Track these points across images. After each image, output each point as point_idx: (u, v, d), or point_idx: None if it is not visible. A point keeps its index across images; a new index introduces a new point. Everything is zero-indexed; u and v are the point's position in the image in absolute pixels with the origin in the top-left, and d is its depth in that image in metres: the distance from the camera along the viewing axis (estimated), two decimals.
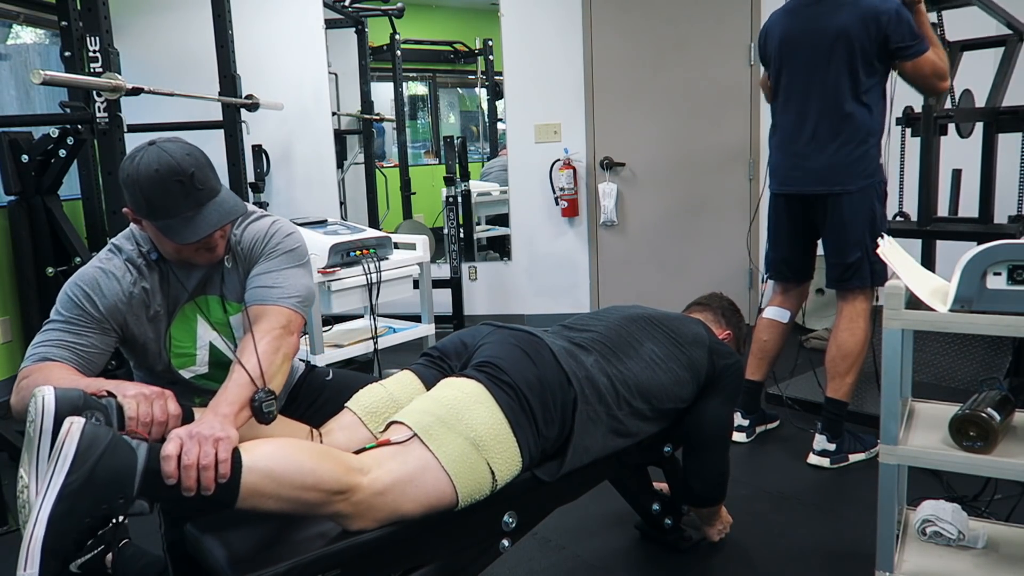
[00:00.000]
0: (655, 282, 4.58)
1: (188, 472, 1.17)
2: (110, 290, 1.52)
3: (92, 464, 1.11)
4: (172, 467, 1.17)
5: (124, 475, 1.14)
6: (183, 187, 1.43)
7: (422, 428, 1.43)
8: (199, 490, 1.18)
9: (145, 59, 4.44)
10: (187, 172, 1.43)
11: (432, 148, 6.26)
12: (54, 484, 1.10)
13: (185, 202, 1.44)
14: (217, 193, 1.49)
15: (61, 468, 1.11)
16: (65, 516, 1.10)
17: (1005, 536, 1.73)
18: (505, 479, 1.49)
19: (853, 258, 2.54)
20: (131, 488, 1.15)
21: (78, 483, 1.10)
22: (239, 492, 1.21)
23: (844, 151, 2.50)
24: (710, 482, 1.98)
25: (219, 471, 1.19)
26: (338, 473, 1.29)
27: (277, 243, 1.62)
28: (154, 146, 1.44)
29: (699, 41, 4.39)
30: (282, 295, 1.56)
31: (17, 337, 3.80)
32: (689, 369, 1.85)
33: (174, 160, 1.42)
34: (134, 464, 1.16)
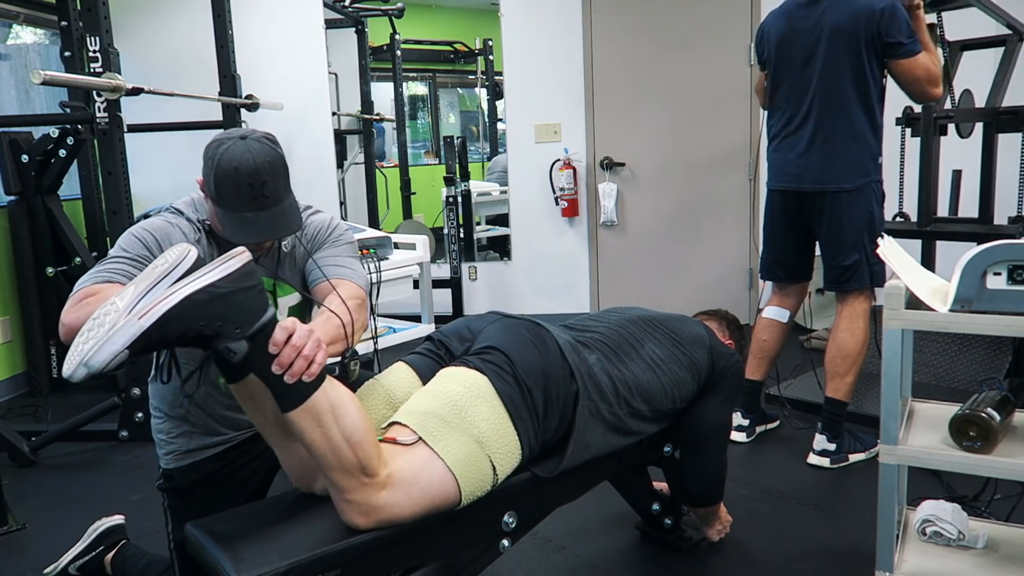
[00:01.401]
0: (655, 282, 4.58)
1: (290, 351, 1.24)
2: (178, 240, 1.54)
3: (240, 286, 1.23)
4: (282, 338, 1.25)
5: (252, 313, 1.23)
6: (252, 191, 1.47)
7: (426, 430, 1.42)
8: (286, 372, 1.25)
9: (145, 59, 4.44)
10: (260, 179, 1.47)
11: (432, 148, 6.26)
12: (205, 279, 1.20)
13: (248, 204, 1.48)
14: (280, 204, 1.51)
15: (218, 272, 1.21)
16: (197, 305, 1.18)
17: (1005, 536, 1.73)
18: (505, 473, 1.49)
19: (851, 260, 2.54)
20: (249, 326, 1.23)
21: (222, 290, 1.21)
22: (308, 400, 1.27)
23: (840, 150, 2.50)
24: (707, 482, 1.98)
25: (311, 367, 1.26)
26: (375, 452, 1.34)
27: (340, 234, 1.71)
28: (244, 141, 1.48)
29: (699, 41, 4.39)
30: (353, 275, 1.64)
31: (17, 337, 3.81)
32: (690, 370, 1.85)
33: (254, 165, 1.46)
34: (263, 312, 1.25)
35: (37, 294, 3.72)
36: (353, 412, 1.33)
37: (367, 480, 1.32)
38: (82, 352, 1.15)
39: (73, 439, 3.05)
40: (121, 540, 2.06)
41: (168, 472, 1.71)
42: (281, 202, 1.51)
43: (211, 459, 1.71)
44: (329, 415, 1.29)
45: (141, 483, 2.70)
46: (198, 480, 1.70)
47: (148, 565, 1.91)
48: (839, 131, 2.50)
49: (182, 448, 1.70)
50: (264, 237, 1.52)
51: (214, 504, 1.61)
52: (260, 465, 1.74)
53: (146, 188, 4.35)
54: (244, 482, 1.74)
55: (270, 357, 1.25)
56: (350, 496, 1.32)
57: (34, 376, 3.78)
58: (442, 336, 1.74)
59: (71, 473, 2.85)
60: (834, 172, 2.51)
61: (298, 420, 1.28)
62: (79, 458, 2.98)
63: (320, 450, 1.29)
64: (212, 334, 1.21)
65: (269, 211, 1.49)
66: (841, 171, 2.50)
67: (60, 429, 2.99)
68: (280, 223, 1.52)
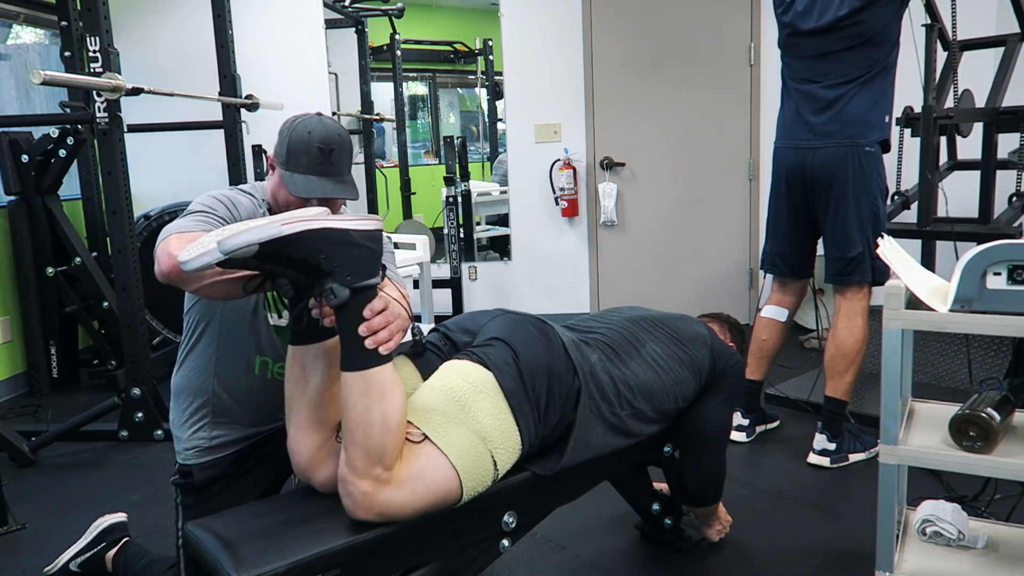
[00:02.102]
0: (655, 282, 4.58)
1: (382, 319, 1.32)
2: (248, 208, 1.65)
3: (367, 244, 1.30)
4: (380, 306, 1.32)
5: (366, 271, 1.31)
6: (321, 154, 1.58)
7: (431, 428, 1.43)
8: (368, 336, 1.31)
9: (145, 59, 4.44)
10: (330, 147, 1.59)
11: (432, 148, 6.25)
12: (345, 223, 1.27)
13: (315, 166, 1.59)
14: (343, 175, 1.62)
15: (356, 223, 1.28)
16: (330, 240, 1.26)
17: (1005, 536, 1.73)
18: (506, 467, 1.50)
19: (855, 252, 2.54)
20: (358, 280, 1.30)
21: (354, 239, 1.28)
22: (372, 369, 1.32)
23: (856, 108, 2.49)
24: (706, 481, 1.98)
25: (390, 343, 1.33)
26: (398, 447, 1.37)
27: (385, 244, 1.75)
28: (319, 117, 1.63)
29: (699, 41, 4.39)
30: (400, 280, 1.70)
31: (17, 337, 3.81)
32: (691, 368, 1.85)
33: (327, 133, 1.60)
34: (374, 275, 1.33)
35: (37, 294, 3.72)
36: (398, 401, 1.36)
37: (380, 472, 1.33)
38: (212, 240, 1.21)
39: (73, 439, 3.05)
40: (123, 538, 2.06)
41: (186, 468, 1.72)
42: (344, 175, 1.63)
43: (228, 459, 1.72)
44: (379, 392, 1.33)
45: (141, 483, 2.70)
46: (215, 478, 1.71)
47: (150, 564, 1.91)
48: (857, 91, 2.49)
49: (204, 444, 1.70)
50: (320, 194, 1.59)
51: (227, 503, 1.62)
52: (272, 465, 1.74)
53: (146, 188, 4.35)
54: (257, 481, 1.74)
55: (360, 318, 1.31)
56: (359, 480, 1.32)
57: (34, 376, 3.78)
58: (447, 329, 1.75)
59: (71, 473, 2.85)
60: (847, 129, 2.50)
61: (352, 383, 1.32)
62: (79, 458, 2.98)
63: (355, 420, 1.32)
64: (328, 271, 1.27)
65: (332, 178, 1.60)
66: (855, 127, 2.50)
67: (60, 429, 2.99)
68: (338, 189, 1.61)
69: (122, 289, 2.96)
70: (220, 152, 3.94)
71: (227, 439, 1.71)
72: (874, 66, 2.49)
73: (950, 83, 2.91)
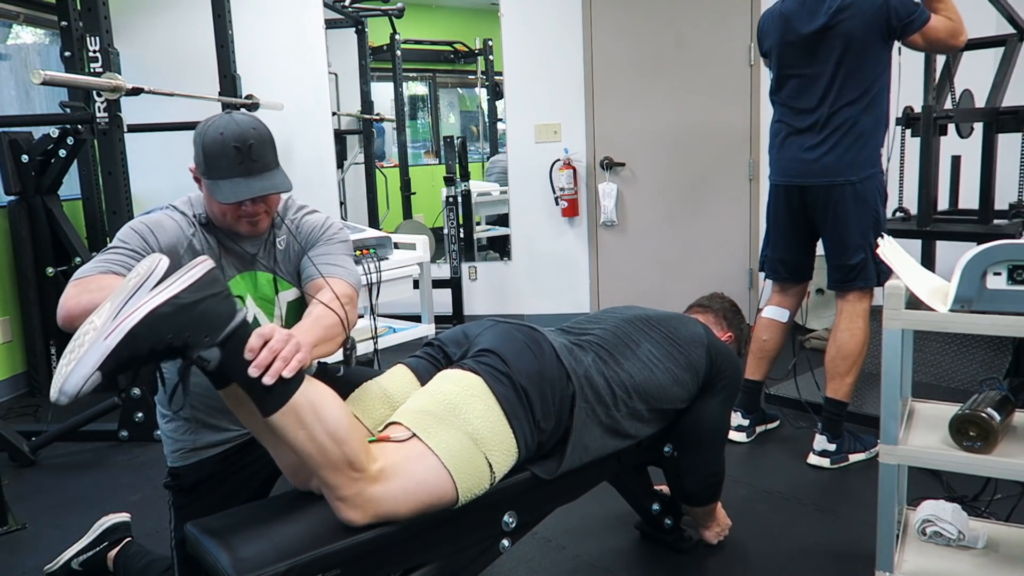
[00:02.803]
0: (655, 282, 4.58)
1: (267, 353, 1.25)
2: (172, 230, 1.58)
3: (204, 295, 1.23)
4: (258, 343, 1.25)
5: (220, 319, 1.24)
6: (239, 153, 1.51)
7: (421, 427, 1.43)
8: (263, 374, 1.24)
9: (145, 59, 4.44)
10: (247, 142, 1.52)
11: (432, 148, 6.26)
12: (168, 291, 1.20)
13: (237, 167, 1.51)
14: (270, 169, 1.56)
15: (181, 283, 1.22)
16: (162, 319, 1.19)
17: (1005, 536, 1.74)
18: (503, 471, 1.49)
19: (857, 259, 2.53)
20: (218, 334, 1.23)
21: (186, 300, 1.21)
22: (288, 401, 1.28)
23: (847, 145, 2.49)
24: (704, 481, 1.98)
25: (289, 366, 1.26)
26: (361, 447, 1.34)
27: (334, 233, 1.74)
28: (229, 114, 1.55)
29: (699, 41, 4.39)
30: (345, 273, 1.66)
31: (17, 337, 3.81)
32: (688, 369, 1.84)
33: (240, 129, 1.52)
34: (232, 318, 1.25)
35: (37, 294, 3.72)
36: (335, 409, 1.34)
37: (356, 475, 1.32)
38: (58, 379, 1.15)
39: (73, 439, 3.06)
40: (125, 538, 2.06)
41: (174, 470, 1.72)
42: (270, 168, 1.55)
43: (216, 458, 1.72)
44: (311, 415, 1.29)
45: (141, 483, 2.70)
46: (204, 478, 1.71)
47: (150, 563, 1.91)
48: (846, 127, 2.49)
49: (188, 446, 1.71)
50: (252, 195, 1.53)
51: (219, 503, 1.62)
52: (264, 465, 1.74)
53: (146, 188, 4.35)
54: (248, 481, 1.74)
55: (246, 362, 1.24)
56: (343, 492, 1.32)
57: (34, 376, 3.78)
58: (440, 341, 1.75)
59: (71, 473, 2.85)
60: (840, 167, 2.50)
61: (281, 423, 1.29)
62: (79, 458, 2.98)
63: (306, 450, 1.30)
64: (182, 345, 1.21)
65: (260, 176, 1.53)
66: (847, 166, 2.50)
67: (60, 429, 2.99)
68: (269, 184, 1.55)
69: None
70: None
71: (212, 440, 1.72)
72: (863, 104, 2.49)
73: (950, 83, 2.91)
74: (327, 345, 1.49)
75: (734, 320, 2.20)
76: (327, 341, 1.48)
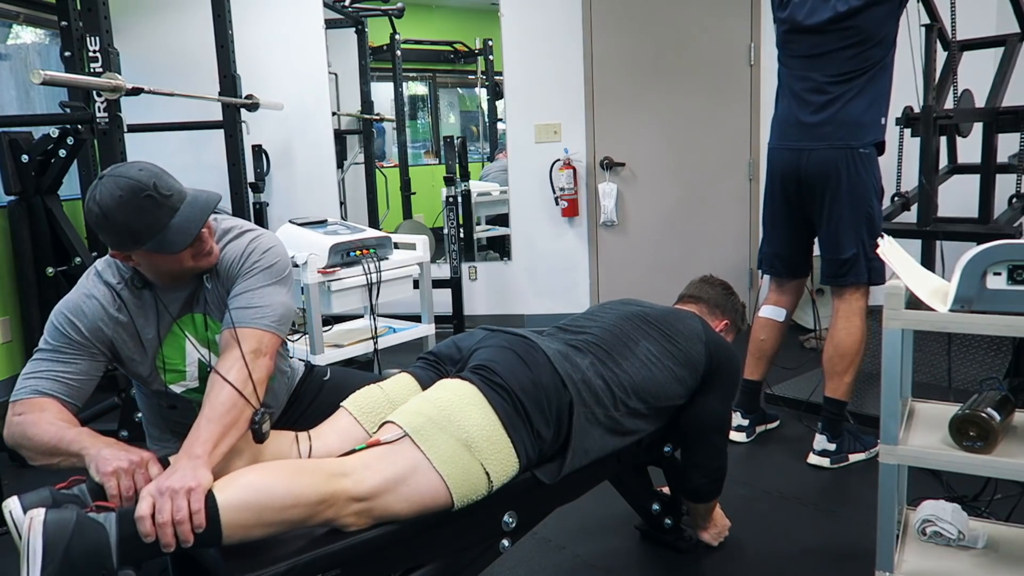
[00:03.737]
0: (655, 282, 4.57)
1: (164, 530, 1.17)
2: (92, 312, 1.54)
3: (62, 552, 1.10)
4: (148, 526, 1.17)
5: (99, 552, 1.14)
6: (153, 200, 1.43)
7: (413, 428, 1.43)
8: (179, 544, 1.18)
9: (145, 59, 4.44)
10: (149, 184, 1.43)
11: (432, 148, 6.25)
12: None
13: (162, 213, 1.44)
14: (186, 195, 1.50)
15: (34, 565, 1.09)
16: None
17: (1005, 536, 1.73)
18: (502, 480, 1.49)
19: (849, 254, 2.54)
20: (110, 561, 1.14)
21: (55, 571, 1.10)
22: (222, 533, 1.21)
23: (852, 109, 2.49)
24: (708, 475, 1.98)
25: (194, 522, 1.18)
26: (317, 484, 1.29)
27: (255, 261, 1.59)
28: (105, 178, 1.44)
29: (699, 41, 4.39)
30: (256, 316, 1.53)
31: (17, 337, 3.80)
32: (686, 365, 1.85)
33: (132, 180, 1.42)
34: (106, 538, 1.15)
35: (37, 294, 3.71)
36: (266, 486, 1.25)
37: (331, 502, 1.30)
38: None
39: None
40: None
41: None
42: (185, 194, 1.49)
43: None
44: (250, 516, 1.23)
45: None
46: None
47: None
48: (854, 93, 2.49)
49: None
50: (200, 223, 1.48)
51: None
52: None
53: None
54: None
55: (155, 545, 1.17)
56: (329, 517, 1.32)
57: None
58: (434, 356, 1.76)
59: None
60: (844, 130, 2.50)
61: (233, 539, 1.23)
62: None
63: (275, 532, 1.27)
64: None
65: (184, 206, 1.47)
66: (850, 129, 2.49)
67: None
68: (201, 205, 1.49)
69: None
70: (220, 152, 3.94)
71: None
72: (871, 66, 2.49)
73: (950, 83, 2.91)
74: (232, 434, 1.38)
75: (726, 305, 2.17)
76: (230, 430, 1.38)
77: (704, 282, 2.22)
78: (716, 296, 2.17)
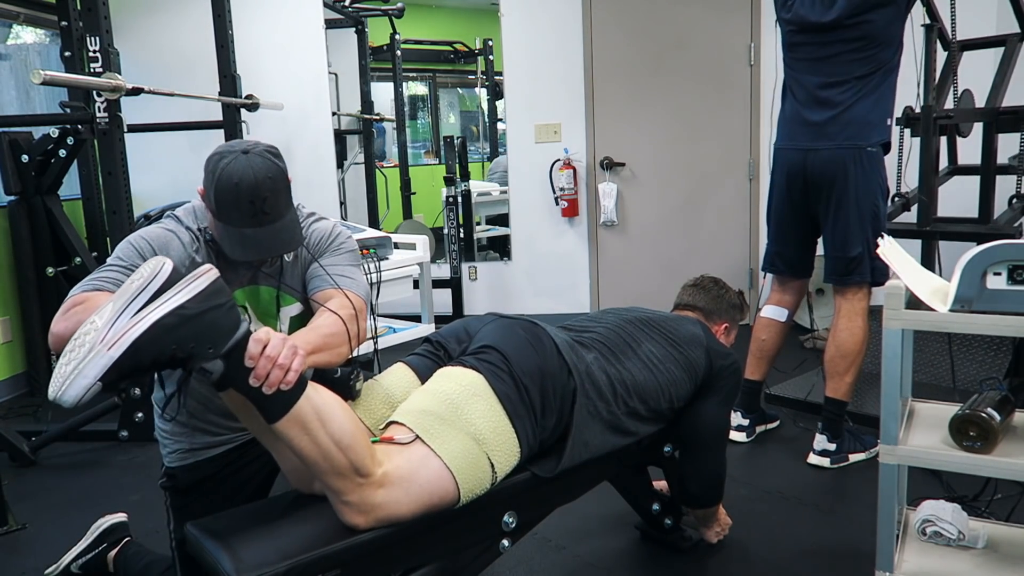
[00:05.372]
0: (655, 282, 4.57)
1: (266, 361, 1.23)
2: (175, 249, 1.54)
3: (209, 305, 1.20)
4: (257, 351, 1.23)
5: (225, 331, 1.22)
6: (252, 207, 1.46)
7: (423, 429, 1.43)
8: (264, 383, 1.23)
9: (145, 59, 4.44)
10: (261, 196, 1.46)
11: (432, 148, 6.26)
12: (173, 301, 1.17)
13: (248, 221, 1.47)
14: (281, 219, 1.50)
15: (186, 293, 1.19)
16: (166, 330, 1.16)
17: (1005, 536, 1.73)
18: (504, 471, 1.49)
19: (854, 252, 2.53)
20: (222, 345, 1.21)
21: (191, 312, 1.18)
22: (291, 409, 1.27)
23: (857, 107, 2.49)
24: (706, 483, 1.98)
25: (287, 376, 1.25)
26: (366, 453, 1.34)
27: (342, 243, 1.69)
28: (246, 156, 1.47)
29: (699, 41, 4.39)
30: (354, 286, 1.62)
31: (17, 337, 3.81)
32: (687, 369, 1.85)
33: (255, 180, 1.45)
34: (236, 329, 1.23)
35: (37, 294, 3.72)
36: (340, 416, 1.33)
37: (362, 480, 1.32)
38: (58, 380, 1.14)
39: (73, 439, 3.05)
40: (124, 538, 2.06)
41: (171, 471, 1.72)
42: (282, 217, 1.50)
43: (214, 459, 1.71)
44: (315, 421, 1.29)
45: (141, 483, 2.70)
46: (200, 480, 1.70)
47: (150, 563, 1.91)
48: (861, 94, 2.49)
49: (185, 447, 1.70)
50: (263, 255, 1.53)
51: (216, 504, 1.62)
52: (262, 466, 1.74)
53: (146, 188, 4.35)
54: (246, 483, 1.74)
55: (248, 371, 1.23)
56: (347, 498, 1.33)
57: (34, 376, 3.78)
58: (440, 337, 1.75)
59: (71, 473, 2.85)
60: (850, 129, 2.50)
61: (285, 430, 1.28)
62: (79, 458, 2.98)
63: (311, 457, 1.30)
64: (186, 356, 1.19)
65: (269, 227, 1.48)
66: (856, 128, 2.49)
67: (60, 429, 2.99)
68: (279, 240, 1.51)
69: None
70: None
71: (209, 441, 1.71)
72: (877, 66, 2.49)
73: (950, 83, 2.91)
74: (326, 354, 1.46)
75: (721, 308, 2.16)
76: (326, 350, 1.45)
77: (695, 287, 2.20)
78: (709, 302, 2.16)
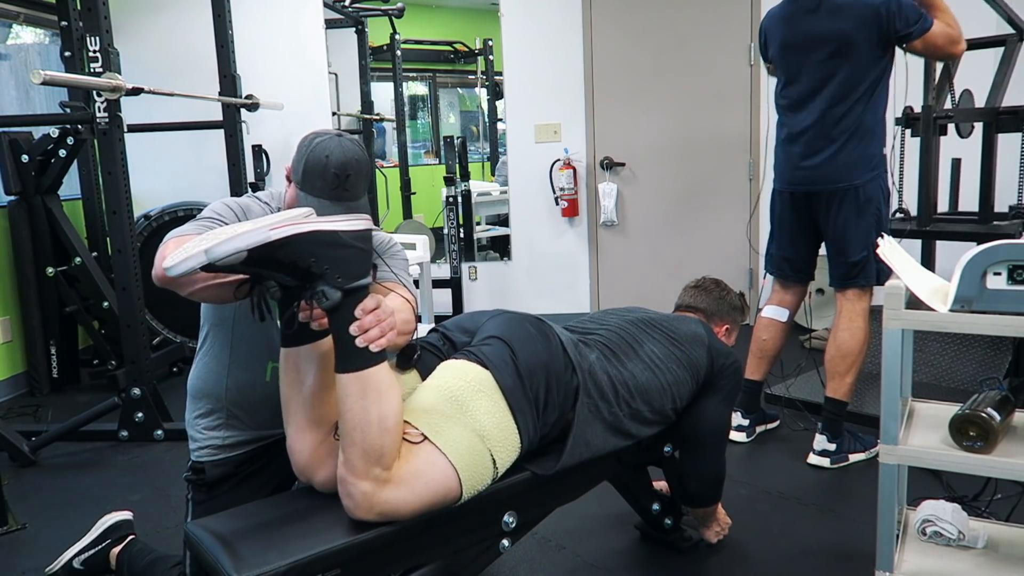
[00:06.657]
0: (655, 282, 4.58)
1: (374, 318, 1.31)
2: (256, 213, 1.62)
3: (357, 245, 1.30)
4: (372, 305, 1.32)
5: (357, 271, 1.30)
6: (336, 179, 1.54)
7: (430, 428, 1.43)
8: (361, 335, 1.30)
9: (145, 59, 4.44)
10: (346, 172, 1.55)
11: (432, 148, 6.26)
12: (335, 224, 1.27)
13: (329, 192, 1.55)
14: (357, 199, 1.59)
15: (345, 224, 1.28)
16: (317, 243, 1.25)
17: (1005, 536, 1.73)
18: (505, 466, 1.50)
19: (859, 256, 2.54)
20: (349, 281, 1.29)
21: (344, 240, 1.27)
22: (366, 370, 1.32)
23: (848, 148, 2.51)
24: (706, 482, 1.98)
25: (381, 340, 1.32)
26: (396, 447, 1.37)
27: (397, 251, 1.79)
28: (339, 138, 1.57)
29: (699, 41, 4.39)
30: (410, 286, 1.70)
31: (17, 337, 3.81)
32: (689, 368, 1.85)
33: (345, 157, 1.55)
34: (365, 275, 1.32)
35: (37, 294, 3.72)
36: (395, 402, 1.36)
37: (379, 471, 1.33)
38: (200, 245, 1.20)
39: (73, 439, 3.05)
40: (128, 535, 2.06)
41: (199, 465, 1.73)
42: (358, 199, 1.60)
43: (241, 458, 1.73)
44: (375, 392, 1.33)
45: (141, 483, 2.70)
46: (226, 475, 1.72)
47: (153, 561, 1.91)
48: (847, 131, 2.51)
49: (217, 443, 1.71)
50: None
51: (237, 500, 1.62)
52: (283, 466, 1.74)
53: (146, 188, 4.35)
54: (268, 481, 1.75)
55: (352, 318, 1.30)
56: (358, 480, 1.33)
57: (34, 376, 3.78)
58: (445, 329, 1.76)
59: (71, 473, 2.85)
60: (843, 171, 2.52)
61: (347, 385, 1.32)
62: (79, 458, 2.98)
63: (353, 421, 1.32)
64: (318, 273, 1.27)
65: (345, 203, 1.56)
66: (851, 169, 2.51)
67: (60, 429, 2.99)
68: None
69: (122, 289, 2.97)
70: (220, 152, 3.94)
71: (240, 439, 1.72)
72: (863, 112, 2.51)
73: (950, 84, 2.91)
74: (403, 337, 1.54)
75: (722, 309, 2.15)
76: (403, 335, 1.53)
77: (697, 289, 2.20)
78: (711, 303, 2.15)
